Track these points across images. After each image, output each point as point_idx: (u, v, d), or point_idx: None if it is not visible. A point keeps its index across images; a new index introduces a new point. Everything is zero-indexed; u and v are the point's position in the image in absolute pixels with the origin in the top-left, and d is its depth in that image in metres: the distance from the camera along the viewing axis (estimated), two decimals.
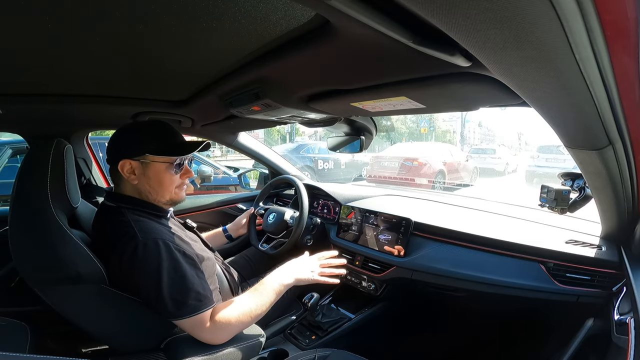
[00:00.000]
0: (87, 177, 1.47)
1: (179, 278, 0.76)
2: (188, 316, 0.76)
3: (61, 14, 0.48)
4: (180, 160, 0.87)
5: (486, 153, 12.09)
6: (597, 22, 0.30)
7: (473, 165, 9.26)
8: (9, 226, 0.75)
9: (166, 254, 0.76)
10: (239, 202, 1.81)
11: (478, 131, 43.99)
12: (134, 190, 0.86)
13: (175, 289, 0.75)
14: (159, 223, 0.85)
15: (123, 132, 0.87)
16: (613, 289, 0.85)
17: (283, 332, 1.19)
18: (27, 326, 0.90)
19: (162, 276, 0.74)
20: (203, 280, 0.81)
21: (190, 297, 0.76)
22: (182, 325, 0.78)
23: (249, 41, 0.59)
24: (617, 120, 0.47)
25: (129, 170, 0.83)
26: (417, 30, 0.41)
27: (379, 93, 0.68)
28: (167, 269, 0.75)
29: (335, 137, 1.31)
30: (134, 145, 0.83)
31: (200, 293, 0.77)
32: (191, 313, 0.76)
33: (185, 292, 0.76)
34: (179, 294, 0.75)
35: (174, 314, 0.75)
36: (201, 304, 0.77)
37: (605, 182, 0.66)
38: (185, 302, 0.75)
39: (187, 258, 0.80)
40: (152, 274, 0.75)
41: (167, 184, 0.87)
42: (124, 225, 0.79)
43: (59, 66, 0.74)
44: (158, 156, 0.84)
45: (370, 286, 1.28)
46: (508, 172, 11.96)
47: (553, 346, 1.06)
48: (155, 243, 0.77)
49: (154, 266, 0.75)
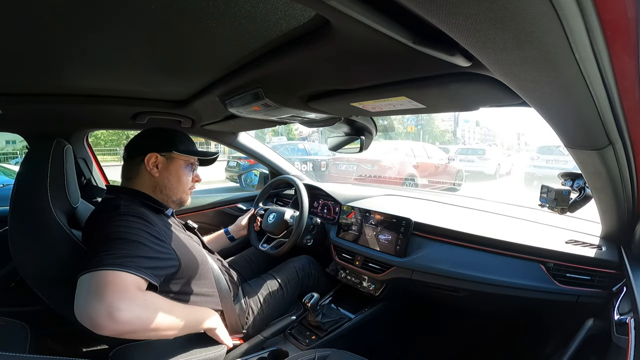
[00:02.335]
0: (87, 177, 1.47)
1: (131, 242, 0.72)
2: (103, 268, 0.65)
3: (61, 15, 0.48)
4: (195, 163, 1.00)
5: (475, 154, 10.61)
6: (597, 22, 0.30)
7: (458, 167, 7.92)
8: (9, 226, 0.75)
9: (135, 224, 0.75)
10: (239, 202, 1.81)
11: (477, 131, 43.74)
12: (149, 183, 0.91)
13: (115, 246, 0.69)
14: (153, 214, 0.87)
15: (150, 133, 0.97)
16: (613, 289, 0.85)
17: (283, 332, 1.19)
18: (27, 326, 0.90)
19: (114, 236, 0.71)
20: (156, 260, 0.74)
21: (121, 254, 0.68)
22: (86, 281, 0.65)
23: (249, 41, 0.59)
24: (617, 120, 0.47)
25: (154, 162, 0.91)
26: (417, 30, 0.41)
27: (379, 93, 0.68)
28: (129, 233, 0.73)
29: (335, 137, 1.31)
30: (165, 142, 0.93)
31: (136, 258, 0.70)
32: (108, 266, 0.65)
33: (122, 249, 0.69)
34: (113, 250, 0.68)
35: (94, 262, 0.65)
36: (129, 264, 0.67)
37: (606, 182, 0.66)
38: (110, 256, 0.67)
39: (155, 238, 0.77)
40: (108, 232, 0.72)
41: (184, 182, 0.96)
42: (114, 204, 0.81)
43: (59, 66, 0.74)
44: (183, 154, 0.94)
45: (370, 286, 1.28)
46: (500, 174, 10.79)
47: (553, 346, 1.06)
48: (132, 215, 0.77)
49: (116, 228, 0.73)
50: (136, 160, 0.91)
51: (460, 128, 49.61)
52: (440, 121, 25.61)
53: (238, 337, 1.05)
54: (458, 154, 11.01)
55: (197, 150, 0.99)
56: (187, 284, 0.88)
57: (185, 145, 0.96)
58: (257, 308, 1.11)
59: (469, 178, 9.72)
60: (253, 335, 1.10)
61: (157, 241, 0.78)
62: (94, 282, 0.64)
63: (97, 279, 0.64)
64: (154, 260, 0.74)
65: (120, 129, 1.56)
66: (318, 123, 1.12)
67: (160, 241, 0.79)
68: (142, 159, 0.90)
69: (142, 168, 0.91)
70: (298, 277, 1.29)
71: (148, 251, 0.73)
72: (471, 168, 10.08)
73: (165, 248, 0.80)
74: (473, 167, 10.21)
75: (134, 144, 0.95)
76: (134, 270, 0.68)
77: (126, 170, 0.93)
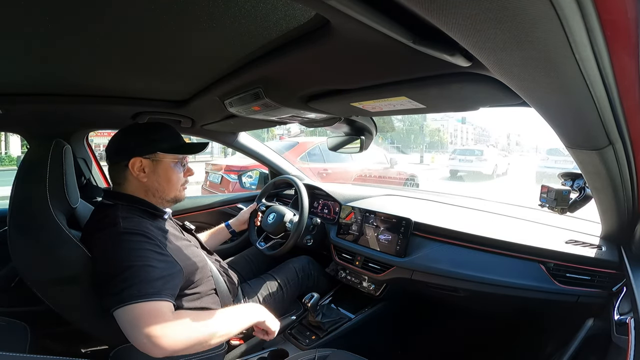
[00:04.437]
0: (87, 177, 1.47)
1: (144, 267, 0.72)
2: (135, 302, 0.67)
3: (61, 15, 0.48)
4: (184, 159, 0.93)
5: (473, 155, 10.95)
6: (597, 22, 0.30)
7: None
8: (8, 227, 0.75)
9: (139, 246, 0.75)
10: (239, 202, 1.81)
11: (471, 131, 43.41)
12: (139, 188, 0.87)
13: (133, 276, 0.70)
14: (151, 223, 0.84)
15: (129, 133, 0.89)
16: (613, 289, 0.85)
17: (283, 332, 1.19)
18: (27, 326, 0.90)
19: (124, 265, 0.71)
20: (168, 278, 0.76)
21: (144, 284, 0.69)
22: (122, 315, 0.68)
23: (249, 41, 0.59)
24: (617, 120, 0.47)
25: (139, 168, 0.85)
26: (417, 30, 0.41)
27: (379, 93, 0.68)
28: (135, 257, 0.73)
29: (335, 137, 1.31)
30: (146, 144, 0.86)
31: (155, 284, 0.71)
32: (139, 299, 0.67)
33: (142, 279, 0.70)
34: (132, 281, 0.69)
35: (123, 298, 0.67)
36: (155, 292, 0.70)
37: (606, 182, 0.66)
38: (135, 288, 0.68)
39: (159, 255, 0.77)
40: (115, 260, 0.72)
41: (175, 182, 0.91)
42: (113, 218, 0.79)
43: (58, 67, 0.74)
44: (168, 154, 0.88)
45: (370, 286, 1.28)
46: (497, 174, 11.10)
47: (553, 346, 1.06)
48: (135, 234, 0.76)
49: (122, 254, 0.72)
50: (120, 165, 0.86)
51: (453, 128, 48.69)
52: (432, 120, 25.28)
53: (238, 338, 1.05)
54: (457, 155, 11.33)
55: (183, 145, 0.91)
56: (187, 288, 0.88)
57: (169, 141, 0.88)
58: None
59: (467, 178, 10.10)
60: (253, 336, 1.10)
61: (162, 257, 0.78)
62: (129, 318, 0.68)
63: (131, 314, 0.68)
64: (166, 280, 0.75)
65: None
66: (318, 123, 1.12)
67: (165, 256, 0.79)
68: (126, 164, 0.84)
69: (128, 173, 0.85)
70: (298, 278, 1.29)
71: (160, 272, 0.74)
72: (469, 168, 10.35)
73: (169, 263, 0.79)
74: (471, 167, 10.44)
75: (114, 147, 0.87)
76: (158, 297, 0.70)
77: (113, 176, 0.88)
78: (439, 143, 48.05)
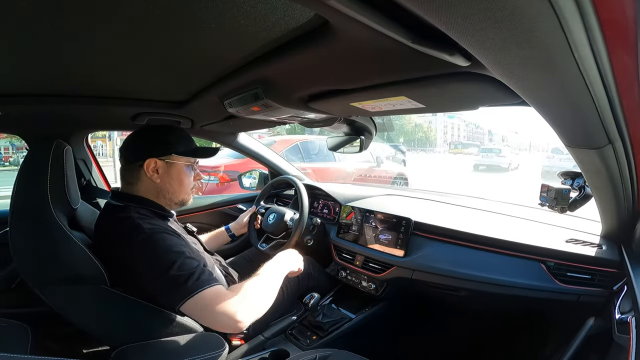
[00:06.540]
0: (87, 179, 1.47)
1: (187, 259, 0.76)
2: (201, 289, 0.72)
3: (60, 15, 0.48)
4: (195, 163, 0.96)
5: (493, 152, 14.98)
6: (596, 21, 0.30)
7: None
8: (9, 228, 0.75)
9: (172, 241, 0.78)
10: (239, 203, 1.81)
11: (463, 127, 42.96)
12: (151, 190, 0.89)
13: (185, 269, 0.74)
14: (163, 222, 0.87)
15: (145, 134, 0.92)
16: (614, 288, 0.85)
17: (284, 333, 1.19)
18: (28, 327, 0.90)
19: (171, 260, 0.74)
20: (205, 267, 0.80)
21: (199, 273, 0.74)
22: (194, 306, 0.73)
23: (248, 41, 0.59)
24: (617, 119, 0.48)
25: (153, 169, 0.87)
26: (416, 30, 0.41)
27: (379, 93, 0.68)
28: (175, 253, 0.76)
29: (335, 137, 1.31)
30: (162, 146, 0.89)
31: (206, 271, 0.76)
32: (204, 286, 0.73)
33: (194, 269, 0.75)
34: (189, 272, 0.74)
35: (189, 289, 0.72)
36: (211, 278, 0.75)
37: (605, 181, 0.66)
38: (195, 277, 0.73)
39: (189, 249, 0.81)
40: (161, 260, 0.74)
41: (186, 185, 0.94)
42: (131, 222, 0.80)
43: (58, 67, 0.74)
44: (182, 157, 0.91)
45: (370, 286, 1.28)
46: (511, 169, 14.31)
47: (554, 345, 1.06)
48: (162, 233, 0.79)
49: (163, 252, 0.75)
50: (134, 165, 0.88)
51: (443, 124, 47.37)
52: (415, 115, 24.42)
53: (239, 338, 1.05)
54: (480, 152, 15.86)
55: (197, 149, 0.95)
56: None
57: (184, 145, 0.91)
58: None
59: (488, 170, 13.53)
60: (254, 336, 1.10)
61: (191, 251, 0.80)
62: (201, 306, 0.72)
63: (200, 302, 0.72)
64: (206, 267, 0.78)
65: (120, 129, 1.56)
66: (318, 123, 1.12)
67: (191, 251, 0.81)
68: (141, 164, 0.86)
69: (142, 174, 0.87)
70: (298, 278, 1.28)
71: (198, 262, 0.78)
72: (491, 162, 14.01)
73: (197, 255, 0.82)
74: (492, 161, 14.06)
75: (130, 147, 0.90)
76: (215, 282, 0.75)
77: (125, 176, 0.90)
78: (426, 140, 46.40)
